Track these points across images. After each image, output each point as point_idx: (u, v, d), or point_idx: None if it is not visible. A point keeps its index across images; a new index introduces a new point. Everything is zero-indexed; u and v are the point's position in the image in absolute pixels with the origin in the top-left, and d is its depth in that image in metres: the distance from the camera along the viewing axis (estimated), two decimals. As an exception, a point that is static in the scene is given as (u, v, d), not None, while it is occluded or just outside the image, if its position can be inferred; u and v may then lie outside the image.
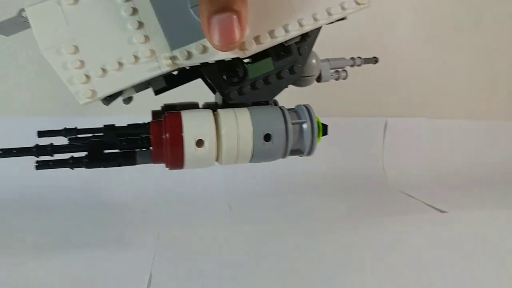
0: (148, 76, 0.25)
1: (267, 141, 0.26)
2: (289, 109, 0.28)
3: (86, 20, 0.25)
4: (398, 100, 0.72)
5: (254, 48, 0.26)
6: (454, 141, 0.75)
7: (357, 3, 0.27)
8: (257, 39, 0.26)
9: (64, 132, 0.33)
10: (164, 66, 0.25)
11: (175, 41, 0.25)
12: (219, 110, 0.27)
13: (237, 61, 0.26)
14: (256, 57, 0.27)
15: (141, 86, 0.27)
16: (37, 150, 0.26)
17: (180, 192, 0.57)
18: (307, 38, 0.28)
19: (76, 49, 0.25)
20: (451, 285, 0.32)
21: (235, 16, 0.22)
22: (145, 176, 0.60)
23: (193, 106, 0.33)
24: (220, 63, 0.26)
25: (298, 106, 0.28)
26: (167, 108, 0.32)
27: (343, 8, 0.27)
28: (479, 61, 0.79)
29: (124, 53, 0.25)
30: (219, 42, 0.23)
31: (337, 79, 0.34)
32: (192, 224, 0.46)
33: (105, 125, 0.34)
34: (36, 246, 0.40)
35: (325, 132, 0.28)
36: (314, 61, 0.31)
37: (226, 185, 0.58)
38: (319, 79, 0.32)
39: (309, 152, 0.28)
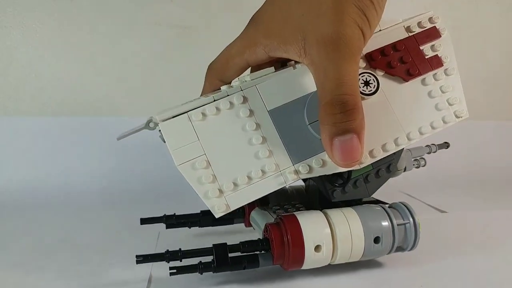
0: (275, 189, 0.27)
1: (376, 243, 0.29)
2: (388, 207, 0.31)
3: (214, 135, 0.26)
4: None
5: (368, 161, 0.28)
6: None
7: (457, 116, 0.30)
8: (371, 152, 0.28)
9: (165, 218, 0.37)
10: (289, 179, 0.27)
11: (295, 155, 0.27)
12: (329, 213, 0.29)
13: None
14: None
15: None
16: (169, 256, 0.28)
17: (180, 192, 0.57)
18: None
19: (208, 163, 0.26)
20: (451, 285, 0.32)
21: (357, 137, 0.24)
22: (145, 176, 0.60)
23: (283, 192, 0.37)
24: None
25: (396, 204, 0.31)
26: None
27: (444, 122, 0.29)
28: (479, 61, 0.79)
29: (252, 167, 0.26)
30: (341, 161, 0.25)
31: (417, 167, 0.37)
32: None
33: (201, 211, 0.37)
34: (36, 246, 0.40)
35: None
36: (403, 155, 0.33)
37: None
38: (404, 169, 0.35)
39: (412, 248, 0.30)
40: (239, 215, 0.38)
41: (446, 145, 0.39)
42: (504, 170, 0.75)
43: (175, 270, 0.27)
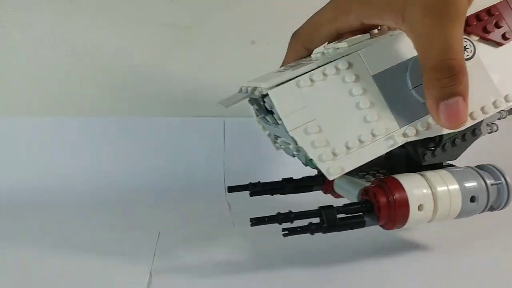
0: (385, 151, 0.28)
1: (472, 202, 0.30)
2: (479, 169, 0.32)
3: (322, 100, 0.27)
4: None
5: (469, 123, 0.29)
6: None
7: None
8: (471, 115, 0.29)
9: (251, 186, 0.37)
10: (398, 142, 0.28)
11: (401, 118, 0.28)
12: (427, 175, 0.30)
13: None
14: None
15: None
16: (282, 218, 0.29)
17: (180, 192, 0.57)
18: None
19: (320, 128, 0.27)
20: (451, 285, 0.32)
21: (463, 100, 0.25)
22: (145, 176, 0.60)
23: None
24: None
25: (485, 166, 0.32)
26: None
27: None
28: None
29: (362, 131, 0.27)
30: (448, 123, 0.26)
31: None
32: (192, 224, 0.46)
33: (283, 179, 0.38)
34: (36, 246, 0.40)
35: None
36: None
37: (227, 184, 0.59)
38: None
39: (504, 207, 0.32)
40: (319, 182, 0.39)
41: None
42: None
43: (287, 232, 0.28)
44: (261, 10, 0.64)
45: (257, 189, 0.38)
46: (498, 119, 0.37)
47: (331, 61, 0.28)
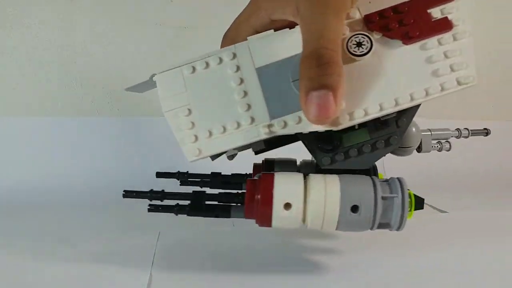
0: (247, 142, 0.27)
1: (354, 212, 0.26)
2: (382, 181, 0.28)
3: (200, 88, 0.28)
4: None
5: (346, 123, 0.27)
6: (454, 141, 0.75)
7: (459, 83, 0.27)
8: (351, 114, 0.27)
9: (177, 175, 0.39)
10: (262, 134, 0.27)
11: (274, 111, 0.27)
12: (311, 175, 0.28)
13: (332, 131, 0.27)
14: (352, 127, 0.27)
15: (242, 147, 0.29)
16: (150, 195, 0.30)
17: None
18: (406, 111, 0.28)
19: (189, 112, 0.28)
20: (451, 285, 0.32)
21: (331, 93, 0.24)
22: (145, 176, 0.60)
23: (291, 162, 0.37)
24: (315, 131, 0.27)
25: (391, 178, 0.28)
26: (267, 162, 0.36)
27: (442, 89, 0.27)
28: (479, 61, 0.79)
29: (228, 119, 0.27)
30: (314, 116, 0.24)
31: (439, 150, 0.34)
32: (192, 224, 0.46)
33: (212, 173, 0.39)
34: (36, 246, 0.40)
35: (420, 206, 0.29)
36: (413, 131, 0.31)
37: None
38: (419, 149, 0.32)
39: (398, 228, 0.28)
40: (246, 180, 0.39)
41: (485, 131, 0.35)
42: (504, 171, 0.75)
43: (153, 207, 0.30)
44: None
45: (185, 178, 0.39)
46: (456, 137, 0.35)
47: (219, 53, 0.29)
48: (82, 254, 0.37)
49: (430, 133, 0.33)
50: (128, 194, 0.31)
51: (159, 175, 0.39)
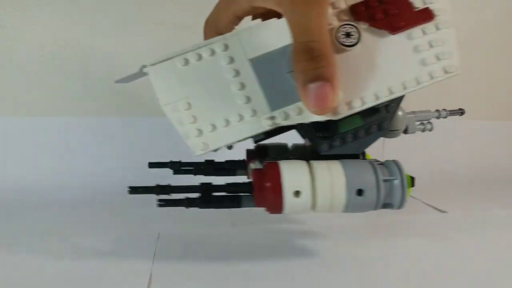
0: (252, 134, 0.28)
1: (359, 195, 0.28)
2: (378, 163, 0.30)
3: (195, 80, 0.28)
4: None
5: (345, 112, 0.28)
6: (454, 141, 0.75)
7: (446, 72, 0.28)
8: (349, 104, 0.28)
9: (170, 164, 0.38)
10: (265, 125, 0.28)
11: (274, 102, 0.28)
12: (313, 163, 0.29)
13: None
14: None
15: (245, 138, 0.30)
16: (158, 190, 0.30)
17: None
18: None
19: (189, 106, 0.28)
20: (451, 285, 0.32)
21: (328, 84, 0.24)
22: (145, 176, 0.60)
23: (283, 147, 0.37)
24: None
25: (387, 161, 0.30)
26: (260, 148, 0.36)
27: (431, 77, 0.28)
28: (479, 61, 0.79)
29: (230, 111, 0.28)
30: (314, 107, 0.25)
31: (423, 130, 0.35)
32: (192, 224, 0.46)
33: (206, 160, 0.39)
34: (36, 245, 0.40)
35: (413, 184, 0.30)
36: (401, 115, 0.32)
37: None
38: (405, 131, 0.34)
39: (399, 206, 0.29)
40: (241, 167, 0.39)
41: (460, 111, 0.38)
42: (504, 170, 0.75)
43: (163, 202, 0.29)
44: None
45: (177, 167, 0.39)
46: (437, 118, 0.36)
47: (210, 43, 0.28)
48: (82, 254, 0.37)
49: (414, 115, 0.35)
50: (133, 190, 0.30)
51: (152, 165, 0.39)
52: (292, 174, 0.28)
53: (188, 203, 0.29)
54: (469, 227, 0.45)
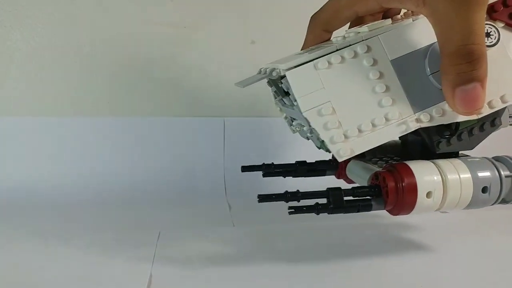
0: (397, 136, 0.28)
1: (484, 193, 0.29)
2: (493, 158, 0.31)
3: (338, 83, 0.27)
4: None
5: (487, 111, 0.28)
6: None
7: None
8: (490, 103, 0.28)
9: (264, 167, 0.38)
10: (410, 127, 0.27)
11: (416, 104, 0.28)
12: (438, 162, 0.29)
13: None
14: None
15: None
16: (289, 197, 0.29)
17: (180, 192, 0.57)
18: None
19: (333, 110, 0.27)
20: (451, 285, 0.32)
21: (479, 85, 0.25)
22: (145, 176, 0.60)
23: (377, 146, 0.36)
24: None
25: (501, 157, 0.31)
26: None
27: None
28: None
29: (376, 114, 0.27)
30: (464, 109, 0.25)
31: None
32: (192, 224, 0.46)
33: (297, 161, 0.39)
34: (36, 245, 0.40)
35: None
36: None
37: (227, 184, 0.59)
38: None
39: None
40: (332, 167, 0.39)
41: None
42: None
43: (293, 210, 0.28)
44: (261, 10, 0.64)
45: (270, 170, 0.38)
46: None
47: (350, 45, 0.28)
48: (82, 254, 0.37)
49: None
50: (264, 198, 0.29)
51: (245, 168, 0.38)
52: (425, 174, 0.28)
53: (320, 209, 0.29)
54: (469, 227, 0.45)
